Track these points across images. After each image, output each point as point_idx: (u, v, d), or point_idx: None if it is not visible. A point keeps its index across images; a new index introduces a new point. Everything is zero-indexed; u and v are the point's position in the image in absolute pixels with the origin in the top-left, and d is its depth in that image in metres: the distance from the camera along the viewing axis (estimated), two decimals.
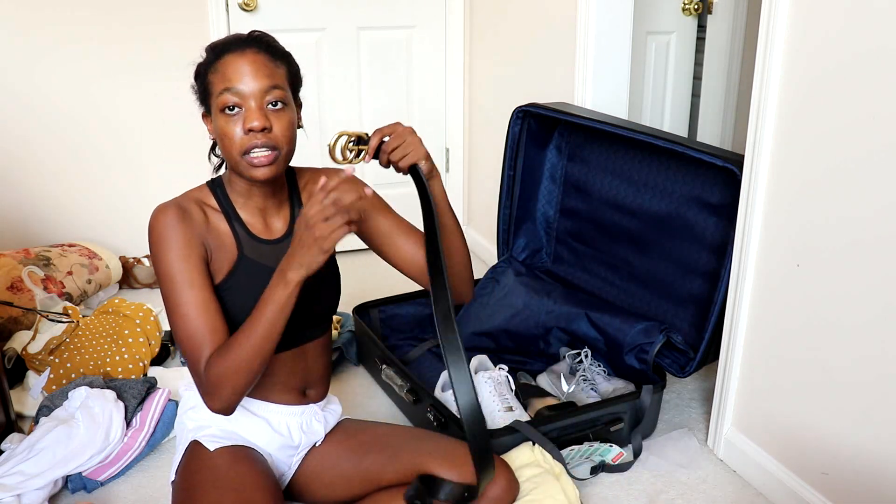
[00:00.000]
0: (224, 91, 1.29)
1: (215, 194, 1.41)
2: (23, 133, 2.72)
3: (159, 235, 1.32)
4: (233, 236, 1.39)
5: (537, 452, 1.68)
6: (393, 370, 2.05)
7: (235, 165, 1.33)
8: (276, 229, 1.45)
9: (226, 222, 1.39)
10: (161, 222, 1.32)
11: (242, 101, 1.29)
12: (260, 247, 1.41)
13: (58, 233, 2.82)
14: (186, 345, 1.31)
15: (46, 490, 1.69)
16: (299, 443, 1.53)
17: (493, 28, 2.92)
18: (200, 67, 1.35)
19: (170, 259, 1.31)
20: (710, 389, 2.01)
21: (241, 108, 1.29)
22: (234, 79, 1.29)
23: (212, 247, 1.36)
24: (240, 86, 1.29)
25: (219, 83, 1.30)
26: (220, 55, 1.31)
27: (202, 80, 1.34)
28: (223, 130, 1.30)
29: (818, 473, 1.63)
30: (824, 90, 1.48)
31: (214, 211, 1.40)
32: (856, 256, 1.46)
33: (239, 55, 1.30)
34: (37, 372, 2.09)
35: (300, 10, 2.91)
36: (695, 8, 2.91)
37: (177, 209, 1.34)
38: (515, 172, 2.36)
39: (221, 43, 1.34)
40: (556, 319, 2.19)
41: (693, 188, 1.97)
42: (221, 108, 1.30)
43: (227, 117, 1.30)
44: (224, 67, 1.30)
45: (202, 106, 1.37)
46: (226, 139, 1.30)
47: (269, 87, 1.30)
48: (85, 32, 2.69)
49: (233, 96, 1.29)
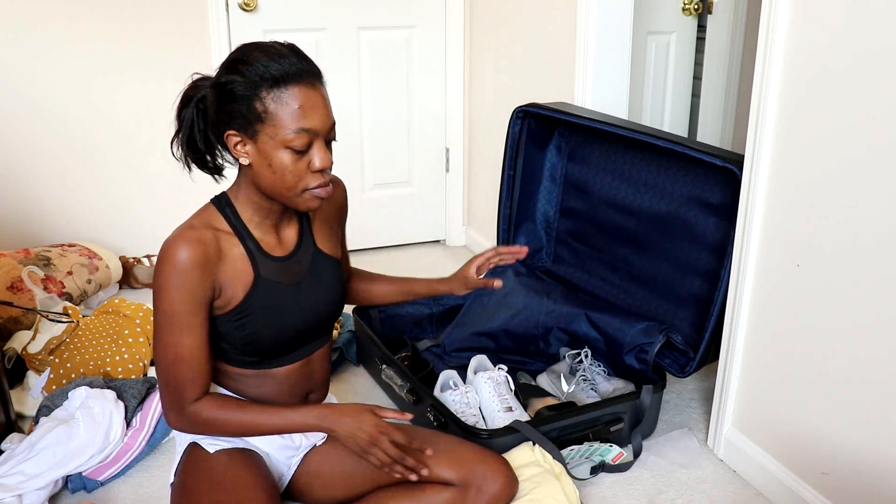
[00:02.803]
0: (300, 131, 1.24)
1: (225, 215, 1.37)
2: (23, 133, 2.72)
3: (169, 273, 1.28)
4: (248, 258, 1.37)
5: (537, 452, 1.68)
6: (393, 370, 2.05)
7: (290, 199, 1.30)
8: (288, 242, 1.44)
9: (240, 244, 1.36)
10: (174, 261, 1.28)
11: (312, 140, 1.26)
12: (274, 264, 1.40)
13: (58, 233, 2.82)
14: (170, 381, 1.34)
15: (47, 490, 1.69)
16: (300, 444, 1.54)
17: (493, 28, 2.92)
18: (242, 87, 1.24)
19: (173, 300, 1.29)
20: (710, 389, 2.01)
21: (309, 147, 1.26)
22: (309, 117, 1.24)
23: (224, 279, 1.34)
24: (314, 125, 1.25)
25: (288, 119, 1.23)
26: (284, 85, 1.23)
27: (248, 104, 1.24)
28: (286, 166, 1.26)
29: (818, 473, 1.63)
30: (824, 90, 1.48)
31: (227, 235, 1.36)
32: (856, 256, 1.46)
33: (309, 88, 1.25)
34: (37, 372, 2.09)
35: (300, 10, 2.91)
36: (695, 8, 2.91)
37: (193, 249, 1.28)
38: (515, 172, 2.36)
39: (274, 66, 1.23)
40: (556, 319, 2.19)
41: (693, 188, 1.97)
42: (289, 146, 1.25)
43: (294, 155, 1.25)
44: (292, 101, 1.23)
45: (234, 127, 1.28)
46: (288, 175, 1.27)
47: (333, 124, 1.29)
48: (85, 32, 2.69)
49: (307, 136, 1.25)
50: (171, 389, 1.35)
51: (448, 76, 3.17)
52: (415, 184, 3.27)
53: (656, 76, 2.93)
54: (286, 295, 1.41)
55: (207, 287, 1.31)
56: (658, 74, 2.93)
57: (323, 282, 1.48)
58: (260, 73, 1.23)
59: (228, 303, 1.36)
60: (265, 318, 1.38)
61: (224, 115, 1.28)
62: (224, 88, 1.26)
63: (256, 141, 1.26)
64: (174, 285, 1.28)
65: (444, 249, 3.30)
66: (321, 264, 1.49)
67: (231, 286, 1.35)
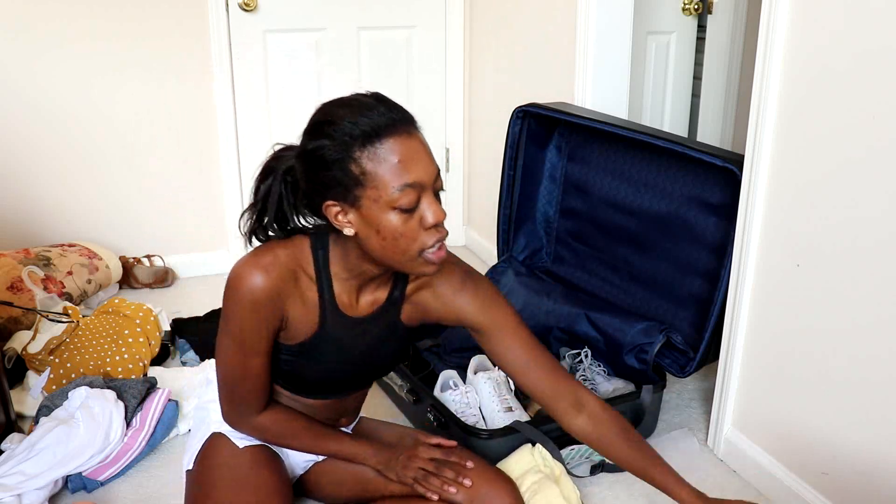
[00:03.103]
0: (405, 187, 1.11)
1: (315, 259, 1.28)
2: (23, 133, 2.72)
3: (244, 299, 1.23)
4: (319, 309, 1.30)
5: (537, 454, 1.68)
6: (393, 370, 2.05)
7: (405, 264, 1.18)
8: (365, 305, 1.35)
9: (316, 293, 1.29)
10: (250, 289, 1.21)
11: (420, 195, 1.14)
12: (343, 322, 1.34)
13: (58, 233, 2.82)
14: (235, 398, 1.36)
15: (47, 490, 1.69)
16: None
17: (493, 28, 2.92)
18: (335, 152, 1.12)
19: (244, 326, 1.26)
20: (710, 389, 2.01)
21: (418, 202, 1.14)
22: (411, 170, 1.11)
23: (291, 316, 1.29)
24: (419, 177, 1.12)
25: (390, 176, 1.10)
26: (378, 139, 1.11)
27: (343, 168, 1.12)
28: (395, 229, 1.13)
29: (818, 473, 1.63)
30: (824, 90, 1.48)
31: (307, 277, 1.28)
32: (856, 256, 1.46)
33: (406, 138, 1.12)
34: (37, 372, 2.09)
35: (300, 10, 2.91)
36: (695, 8, 2.90)
37: (269, 281, 1.22)
38: (515, 172, 2.36)
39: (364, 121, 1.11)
40: (556, 319, 2.19)
41: (693, 188, 1.97)
42: (396, 206, 1.12)
43: (403, 215, 1.13)
44: (391, 156, 1.10)
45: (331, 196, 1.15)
46: (400, 238, 1.14)
47: (438, 172, 1.16)
48: (85, 32, 2.69)
49: (414, 192, 1.12)
50: (235, 404, 1.37)
51: (448, 76, 3.17)
52: None
53: (656, 76, 2.93)
54: (343, 351, 1.37)
55: (277, 317, 1.28)
56: (658, 74, 2.93)
57: (387, 348, 1.43)
58: (349, 132, 1.11)
59: (290, 338, 1.33)
60: (314, 365, 1.37)
61: (318, 185, 1.16)
62: (313, 156, 1.15)
63: (360, 207, 1.14)
64: (247, 309, 1.23)
65: None
66: (393, 333, 1.41)
67: (295, 325, 1.31)
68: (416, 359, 2.20)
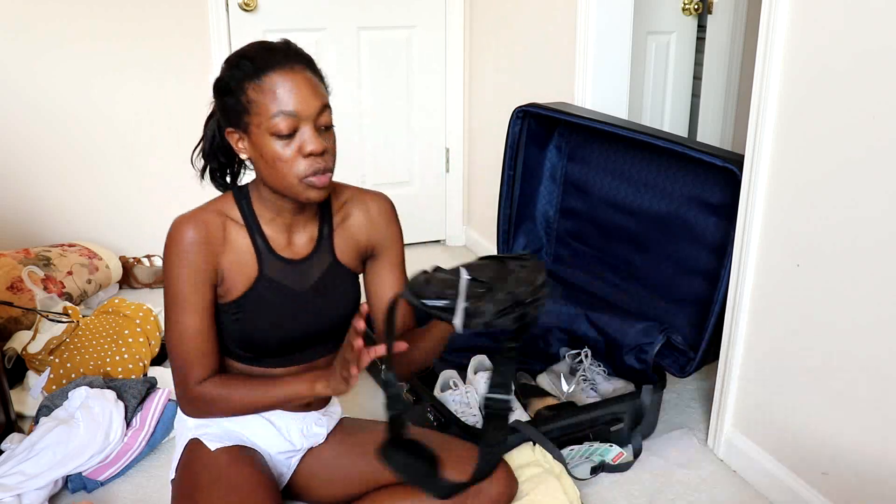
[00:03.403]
0: (278, 114, 1.23)
1: (240, 207, 1.37)
2: (23, 133, 2.72)
3: (174, 253, 1.31)
4: (254, 253, 1.36)
5: (538, 452, 1.68)
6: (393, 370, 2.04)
7: (288, 188, 1.28)
8: (300, 247, 1.41)
9: (248, 237, 1.35)
10: (179, 241, 1.30)
11: (297, 125, 1.24)
12: (281, 265, 1.38)
13: (58, 233, 2.82)
14: (177, 361, 1.36)
15: (46, 490, 1.69)
16: (301, 446, 1.53)
17: (494, 28, 2.92)
18: (231, 82, 1.26)
19: (179, 279, 1.31)
20: (710, 389, 2.01)
21: (295, 132, 1.25)
22: (288, 101, 1.23)
23: (226, 267, 1.34)
24: (296, 109, 1.23)
25: (269, 104, 1.23)
26: (264, 72, 1.24)
27: (235, 97, 1.26)
28: (276, 155, 1.25)
29: (818, 473, 1.63)
30: (824, 90, 1.48)
31: (237, 224, 1.35)
32: (856, 256, 1.46)
33: (289, 73, 1.24)
34: (37, 372, 2.09)
35: (300, 10, 2.91)
36: (695, 8, 2.91)
37: (197, 228, 1.30)
38: (515, 172, 2.36)
39: (258, 57, 1.25)
40: (556, 319, 2.19)
41: (693, 188, 1.97)
42: (274, 133, 1.24)
43: (281, 141, 1.24)
44: (272, 87, 1.23)
45: (231, 124, 1.29)
46: (279, 163, 1.25)
47: (322, 108, 1.27)
48: (85, 32, 2.69)
49: (289, 120, 1.23)
50: (178, 371, 1.36)
51: (448, 76, 3.17)
52: (415, 184, 3.27)
53: (656, 76, 2.93)
54: (289, 299, 1.39)
55: (210, 269, 1.32)
56: (658, 74, 2.93)
57: (335, 293, 1.45)
58: (245, 66, 1.25)
59: (228, 293, 1.36)
60: (263, 317, 1.37)
61: (223, 113, 1.30)
62: (218, 86, 1.29)
63: (249, 134, 1.27)
64: (179, 266, 1.30)
65: (444, 249, 3.30)
66: (336, 276, 1.44)
67: (232, 276, 1.35)
68: None
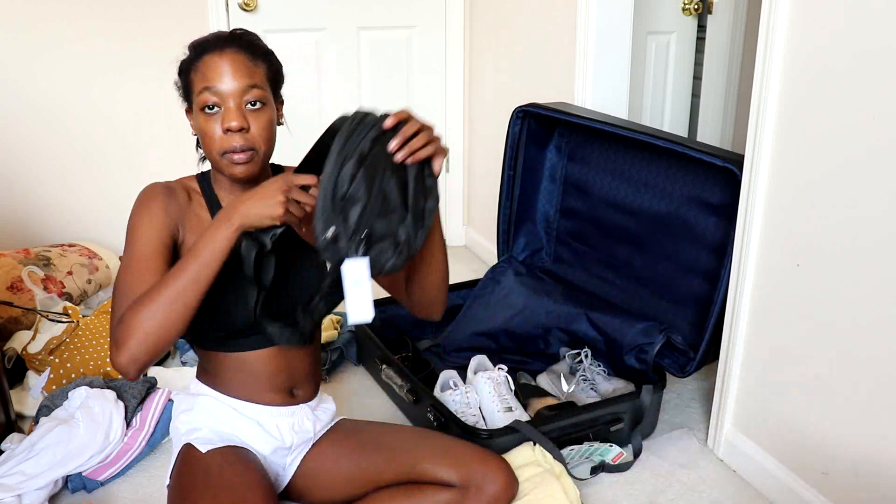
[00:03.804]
0: (204, 90, 1.31)
1: (201, 185, 1.45)
2: (23, 133, 2.72)
3: (140, 204, 1.35)
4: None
5: (538, 452, 1.68)
6: (393, 370, 2.05)
7: (216, 163, 1.37)
8: None
9: (207, 211, 1.42)
10: (147, 194, 1.36)
11: (221, 101, 1.31)
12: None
13: (58, 233, 2.82)
14: (118, 298, 1.27)
15: (47, 490, 1.69)
16: (291, 443, 1.52)
17: (494, 28, 2.92)
18: (183, 64, 1.37)
19: (141, 226, 1.33)
20: (710, 389, 2.01)
21: (220, 108, 1.31)
22: (214, 78, 1.31)
23: (187, 230, 1.38)
24: (219, 85, 1.30)
25: (199, 82, 1.32)
26: (201, 54, 1.33)
27: (185, 78, 1.37)
28: (203, 129, 1.34)
29: (818, 473, 1.63)
30: (824, 90, 1.48)
31: (199, 197, 1.43)
32: (856, 256, 1.46)
33: (218, 54, 1.32)
34: (37, 372, 2.09)
35: (300, 10, 2.91)
36: (695, 8, 2.91)
37: (165, 188, 1.38)
38: (515, 172, 2.36)
39: (202, 41, 1.35)
40: (556, 319, 2.19)
41: (693, 188, 1.97)
42: (201, 107, 1.32)
43: (206, 116, 1.32)
44: (204, 67, 1.32)
45: (185, 102, 1.40)
46: (206, 137, 1.34)
47: (247, 87, 1.32)
48: (85, 32, 2.69)
49: (212, 96, 1.31)
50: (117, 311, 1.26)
51: (448, 76, 3.17)
52: None
53: (656, 76, 2.93)
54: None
55: (172, 225, 1.34)
56: (658, 74, 2.93)
57: (300, 264, 1.44)
58: (192, 52, 1.35)
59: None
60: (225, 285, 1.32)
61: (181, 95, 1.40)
62: (178, 70, 1.38)
63: (192, 111, 1.36)
64: (143, 215, 1.33)
65: None
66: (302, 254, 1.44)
67: (192, 239, 1.36)
68: (416, 359, 2.20)
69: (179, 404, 1.53)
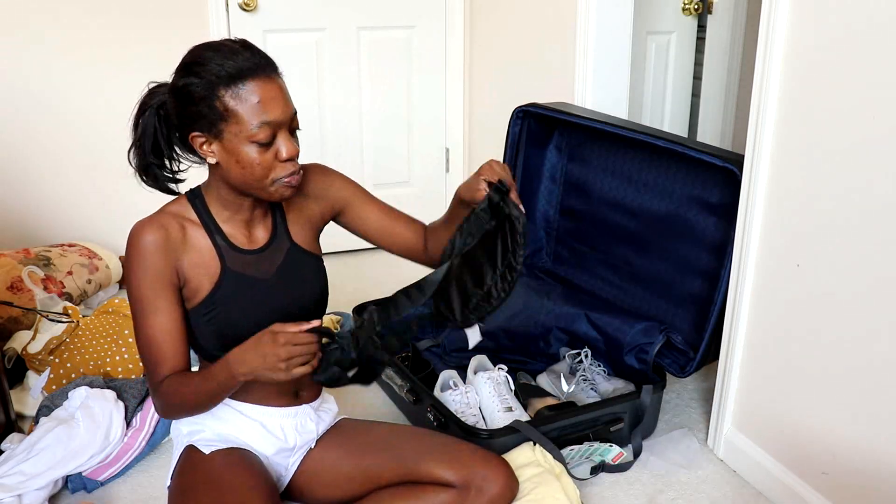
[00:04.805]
0: (261, 125, 1.25)
1: (195, 207, 1.39)
2: (23, 133, 2.72)
3: (133, 258, 1.32)
4: (214, 251, 1.37)
5: (538, 452, 1.68)
6: (393, 370, 2.05)
7: (261, 190, 1.32)
8: (259, 239, 1.43)
9: (207, 237, 1.38)
10: (137, 245, 1.32)
11: (276, 132, 1.28)
12: (243, 258, 1.40)
13: (58, 233, 2.82)
14: (147, 364, 1.36)
15: (47, 490, 1.69)
16: (294, 444, 1.53)
17: (494, 28, 2.92)
18: (200, 89, 1.25)
19: (140, 284, 1.32)
20: (710, 389, 2.01)
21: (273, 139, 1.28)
22: (270, 110, 1.26)
23: (188, 269, 1.35)
24: (275, 117, 1.26)
25: (250, 115, 1.25)
26: (242, 80, 1.24)
27: (208, 104, 1.25)
28: (254, 161, 1.27)
29: (818, 473, 1.63)
30: (824, 90, 1.48)
31: (194, 225, 1.37)
32: (856, 256, 1.46)
33: (266, 82, 1.26)
34: (37, 372, 2.09)
35: (300, 10, 2.91)
36: (695, 8, 2.91)
37: (156, 231, 1.32)
38: (515, 172, 2.36)
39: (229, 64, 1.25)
40: (556, 319, 2.19)
41: (693, 188, 1.97)
42: (254, 141, 1.26)
43: (260, 148, 1.27)
44: (250, 96, 1.25)
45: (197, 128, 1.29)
46: (256, 168, 1.28)
47: (294, 113, 1.31)
48: (84, 32, 2.69)
49: (269, 129, 1.26)
50: (148, 373, 1.37)
51: (448, 76, 3.17)
52: (415, 184, 3.27)
53: (656, 76, 2.93)
54: (257, 289, 1.41)
55: (170, 273, 1.33)
56: (658, 74, 2.93)
57: (299, 277, 1.47)
58: (216, 73, 1.24)
59: (195, 294, 1.37)
60: (234, 310, 1.38)
61: (186, 118, 1.29)
62: (182, 92, 1.28)
63: (222, 140, 1.28)
64: (139, 270, 1.32)
65: None
66: (297, 260, 1.47)
67: (196, 277, 1.36)
68: (416, 359, 2.20)
69: None
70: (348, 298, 2.37)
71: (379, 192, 1.61)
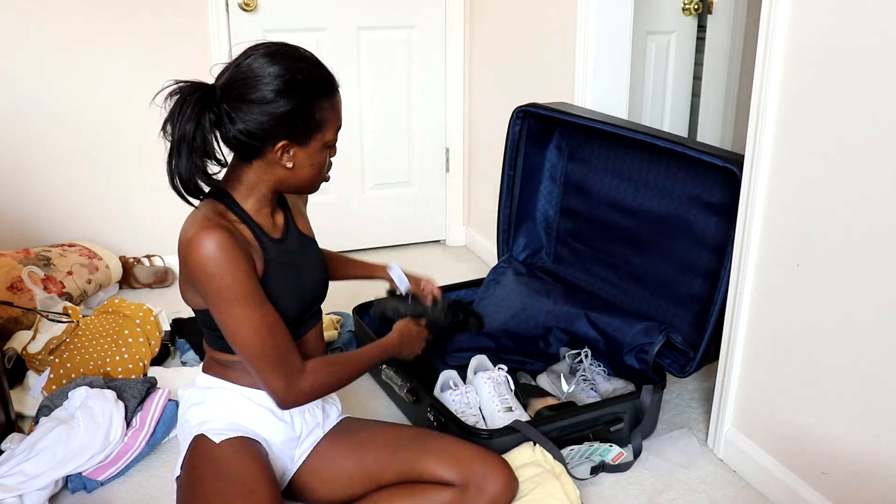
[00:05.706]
0: (338, 129, 1.42)
1: (229, 207, 1.41)
2: (23, 133, 2.72)
3: (220, 259, 1.31)
4: (258, 243, 1.42)
5: (538, 452, 1.68)
6: (393, 370, 2.05)
7: (312, 185, 1.45)
8: (280, 227, 1.50)
9: (249, 231, 1.42)
10: (216, 247, 1.31)
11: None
12: (276, 246, 1.46)
13: (58, 233, 2.82)
14: (276, 356, 1.38)
15: (47, 490, 1.69)
16: (301, 432, 1.55)
17: (493, 28, 2.92)
18: (307, 104, 1.34)
19: (239, 279, 1.33)
20: (710, 389, 2.01)
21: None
22: (341, 118, 1.43)
23: (255, 261, 1.40)
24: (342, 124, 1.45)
25: (335, 122, 1.40)
26: (334, 94, 1.40)
27: (310, 115, 1.35)
28: (323, 162, 1.42)
29: (818, 473, 1.63)
30: (824, 90, 1.48)
31: (239, 223, 1.41)
32: (856, 256, 1.46)
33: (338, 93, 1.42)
34: (37, 372, 2.09)
35: (300, 10, 2.91)
36: (695, 8, 2.91)
37: (224, 233, 1.32)
38: (515, 172, 2.36)
39: (324, 77, 1.39)
40: (556, 319, 2.19)
41: (693, 188, 1.97)
42: (330, 144, 1.42)
43: (328, 150, 1.43)
44: (338, 106, 1.40)
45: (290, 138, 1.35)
46: (319, 168, 1.42)
47: None
48: (84, 32, 2.69)
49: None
50: (279, 363, 1.38)
51: (448, 76, 3.17)
52: (415, 184, 3.27)
53: (656, 76, 2.93)
54: (291, 270, 1.48)
55: (251, 259, 1.37)
56: (658, 74, 2.93)
57: (311, 261, 1.57)
58: (318, 87, 1.37)
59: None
60: (282, 290, 1.44)
61: (281, 127, 1.33)
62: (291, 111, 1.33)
63: (307, 146, 1.38)
64: (232, 267, 1.32)
65: (444, 249, 3.30)
66: (306, 245, 1.57)
67: (260, 263, 1.42)
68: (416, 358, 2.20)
69: (189, 398, 1.55)
70: (348, 298, 2.37)
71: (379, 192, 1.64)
